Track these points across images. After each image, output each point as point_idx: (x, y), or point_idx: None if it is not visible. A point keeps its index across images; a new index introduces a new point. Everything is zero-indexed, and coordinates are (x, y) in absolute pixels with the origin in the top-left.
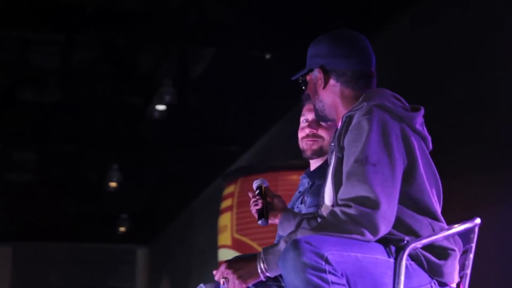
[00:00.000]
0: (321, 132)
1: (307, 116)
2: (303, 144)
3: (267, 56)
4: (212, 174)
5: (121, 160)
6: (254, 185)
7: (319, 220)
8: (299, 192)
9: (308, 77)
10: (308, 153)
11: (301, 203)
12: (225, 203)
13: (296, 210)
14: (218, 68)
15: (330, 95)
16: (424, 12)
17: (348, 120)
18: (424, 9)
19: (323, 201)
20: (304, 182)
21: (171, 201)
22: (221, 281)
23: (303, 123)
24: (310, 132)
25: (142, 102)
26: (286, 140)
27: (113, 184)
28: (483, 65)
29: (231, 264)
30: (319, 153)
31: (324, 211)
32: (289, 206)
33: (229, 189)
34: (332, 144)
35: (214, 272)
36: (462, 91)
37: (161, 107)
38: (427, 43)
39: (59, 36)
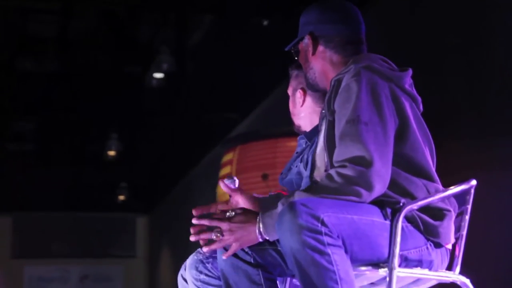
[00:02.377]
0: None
1: (288, 91)
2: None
3: (265, 23)
4: (211, 142)
5: (120, 129)
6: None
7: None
8: (296, 153)
9: (299, 46)
10: (297, 130)
11: (301, 162)
12: (224, 170)
13: (294, 169)
14: (216, 36)
15: (320, 61)
16: None
17: (337, 84)
18: None
19: (314, 166)
20: (302, 143)
21: (171, 169)
22: (214, 235)
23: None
24: (290, 109)
25: (140, 71)
26: (285, 107)
27: (112, 153)
28: (479, 32)
29: (230, 223)
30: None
31: (317, 177)
32: (284, 169)
33: (228, 156)
34: (323, 111)
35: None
36: (459, 59)
37: (159, 75)
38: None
39: (57, 4)
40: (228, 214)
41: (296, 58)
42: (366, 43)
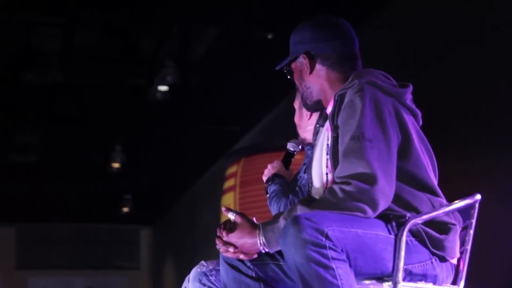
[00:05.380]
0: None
1: (294, 104)
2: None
3: (269, 36)
4: (215, 154)
5: (124, 141)
6: (288, 146)
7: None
8: (304, 164)
9: (293, 65)
10: (301, 143)
11: (304, 173)
12: (228, 183)
13: (299, 181)
14: (220, 48)
15: (317, 80)
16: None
17: (340, 99)
18: None
19: (311, 183)
20: (309, 154)
21: (175, 181)
22: (221, 248)
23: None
24: (296, 121)
25: (144, 83)
26: (289, 120)
27: (116, 165)
28: (484, 38)
29: (232, 237)
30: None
31: (314, 193)
32: (292, 180)
33: (232, 169)
34: (317, 125)
35: (218, 233)
36: (463, 66)
37: (163, 88)
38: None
39: (60, 17)
40: (228, 225)
41: (288, 77)
42: (360, 57)
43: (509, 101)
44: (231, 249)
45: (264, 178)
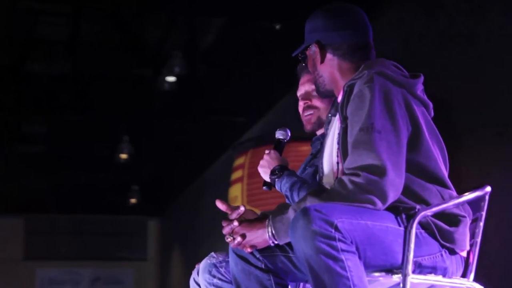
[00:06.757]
0: (315, 103)
1: (300, 91)
2: (303, 119)
3: (277, 27)
4: (223, 145)
5: (131, 132)
6: (277, 135)
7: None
8: (311, 154)
9: (307, 53)
10: (309, 127)
11: (309, 163)
12: (236, 174)
13: (309, 170)
14: (228, 39)
15: (328, 69)
16: None
17: (349, 90)
18: None
19: (322, 172)
20: (317, 144)
21: (182, 172)
22: (228, 238)
23: (299, 99)
24: (304, 104)
25: (151, 74)
26: (296, 111)
27: (123, 156)
28: (489, 31)
29: (242, 227)
30: (318, 124)
31: (325, 182)
32: (299, 171)
33: (240, 160)
34: (329, 114)
35: (224, 225)
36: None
37: (171, 79)
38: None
39: (67, 6)
40: (238, 215)
41: (303, 64)
42: (374, 46)
43: None
44: (239, 239)
45: (261, 169)
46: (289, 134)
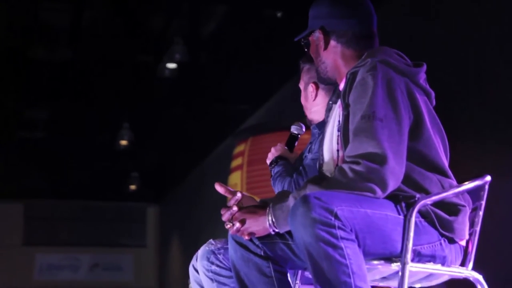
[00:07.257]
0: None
1: (300, 85)
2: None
3: (279, 15)
4: (223, 133)
5: (132, 119)
6: (292, 129)
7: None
8: (310, 142)
9: (310, 38)
10: (309, 124)
11: (309, 152)
12: (236, 162)
13: (304, 160)
14: (229, 26)
15: (331, 56)
16: None
17: (352, 77)
18: None
19: (322, 159)
20: (315, 133)
21: (182, 159)
22: (228, 225)
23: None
24: (302, 103)
25: (153, 61)
26: (297, 99)
27: (124, 143)
28: (494, 26)
29: (242, 214)
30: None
31: (326, 170)
32: (297, 158)
33: (240, 148)
34: (330, 102)
35: (223, 211)
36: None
37: (172, 66)
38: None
39: None
40: (236, 201)
41: (306, 50)
42: (378, 35)
43: None
44: (238, 225)
45: (268, 162)
46: (304, 130)
